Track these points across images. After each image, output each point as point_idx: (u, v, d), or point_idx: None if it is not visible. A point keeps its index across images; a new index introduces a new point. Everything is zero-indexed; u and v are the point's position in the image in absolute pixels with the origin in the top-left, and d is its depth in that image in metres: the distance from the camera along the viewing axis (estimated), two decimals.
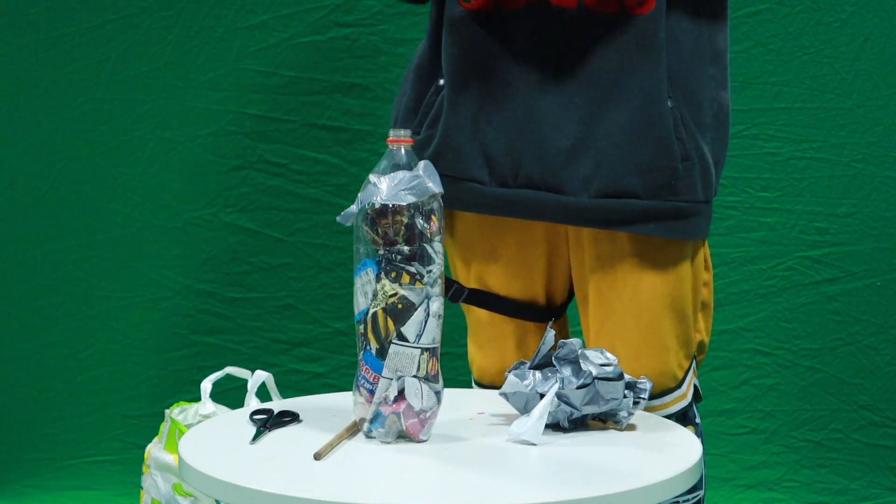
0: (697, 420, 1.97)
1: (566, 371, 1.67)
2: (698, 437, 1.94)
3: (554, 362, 1.68)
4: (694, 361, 1.97)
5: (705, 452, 2.00)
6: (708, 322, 1.99)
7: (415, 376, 1.59)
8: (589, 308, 1.94)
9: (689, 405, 1.96)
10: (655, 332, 1.89)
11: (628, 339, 1.89)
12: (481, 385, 2.04)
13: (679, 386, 1.92)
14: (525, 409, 1.67)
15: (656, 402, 1.89)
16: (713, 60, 1.89)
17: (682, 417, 1.93)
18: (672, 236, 1.86)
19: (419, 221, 1.58)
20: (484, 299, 1.98)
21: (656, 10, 1.80)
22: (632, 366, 1.87)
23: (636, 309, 1.88)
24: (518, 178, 1.87)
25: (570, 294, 2.04)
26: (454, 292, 1.96)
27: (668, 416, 1.89)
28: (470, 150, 1.88)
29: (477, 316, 2.00)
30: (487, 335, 2.00)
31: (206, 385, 2.69)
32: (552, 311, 2.01)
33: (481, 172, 1.89)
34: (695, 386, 1.97)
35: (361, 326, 1.60)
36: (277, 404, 1.80)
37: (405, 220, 1.57)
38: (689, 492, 1.93)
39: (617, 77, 1.81)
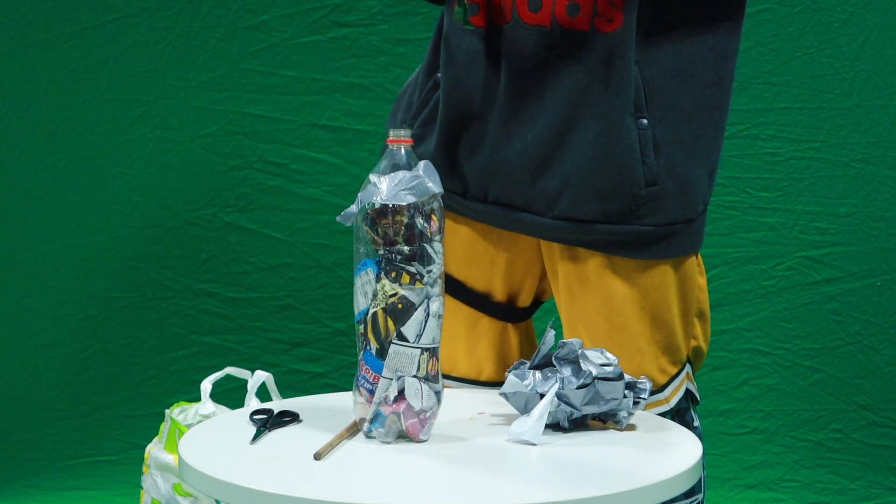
0: (696, 424, 1.96)
1: (566, 371, 1.67)
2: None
3: (554, 362, 1.68)
4: (688, 368, 1.96)
5: (704, 454, 2.00)
6: (705, 328, 1.98)
7: (415, 376, 1.59)
8: (562, 308, 1.94)
9: (684, 409, 1.94)
10: (628, 336, 1.87)
11: (599, 340, 1.87)
12: None
13: (659, 391, 1.90)
14: (525, 409, 1.67)
15: None
16: (715, 66, 1.88)
17: (681, 419, 1.92)
18: (642, 258, 1.86)
19: (419, 221, 1.58)
20: None
21: (624, 29, 1.80)
22: None
23: (608, 312, 1.87)
24: (488, 198, 1.89)
25: (537, 302, 2.04)
26: None
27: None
28: (450, 164, 1.91)
29: None
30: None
31: (206, 385, 2.69)
32: (513, 312, 2.00)
33: (458, 186, 1.92)
34: (688, 391, 1.96)
35: (361, 326, 1.60)
36: (277, 404, 1.80)
37: (405, 220, 1.57)
38: (688, 495, 1.92)
39: (583, 97, 1.81)
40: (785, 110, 3.12)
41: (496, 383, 1.95)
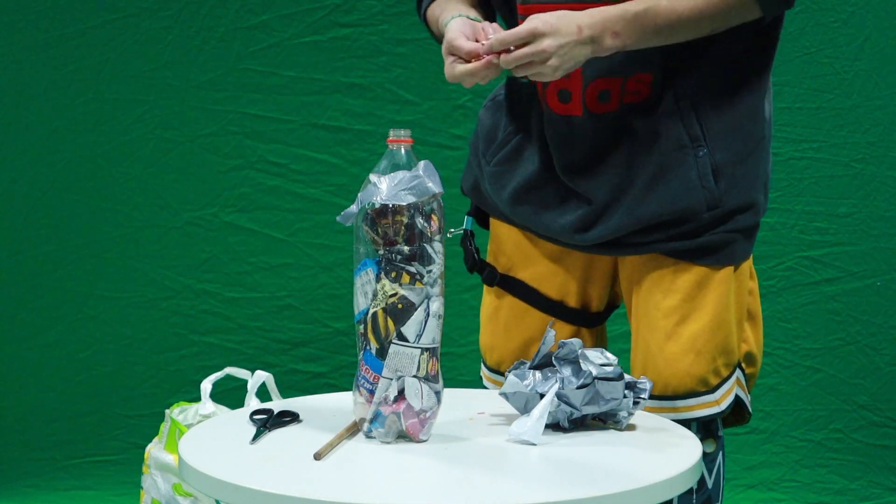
0: (720, 433, 1.95)
1: (566, 371, 1.67)
2: (720, 450, 1.93)
3: (554, 362, 1.68)
4: (740, 373, 1.95)
5: (725, 459, 1.99)
6: (757, 333, 1.99)
7: (415, 376, 1.59)
8: (632, 308, 1.97)
9: (720, 414, 1.93)
10: (685, 333, 1.88)
11: (658, 336, 1.90)
12: (496, 373, 2.04)
13: (710, 392, 1.90)
14: (525, 409, 1.67)
15: (679, 403, 1.88)
16: (762, 75, 1.93)
17: (706, 428, 1.91)
18: (708, 264, 1.90)
19: (419, 221, 1.58)
20: (515, 286, 2.02)
21: (656, 94, 1.86)
22: (656, 361, 1.87)
23: (667, 309, 1.90)
24: (559, 241, 1.97)
25: (611, 307, 2.07)
26: (487, 275, 2.03)
27: (691, 421, 1.87)
28: (522, 211, 1.98)
29: (509, 302, 2.02)
30: (517, 321, 2.02)
31: (206, 385, 2.69)
32: (586, 317, 2.02)
33: (532, 226, 2.00)
34: (738, 397, 1.95)
35: (361, 326, 1.60)
36: (277, 404, 1.80)
37: (405, 220, 1.57)
38: (706, 503, 1.92)
39: (633, 151, 1.87)
40: (785, 110, 3.12)
41: None
